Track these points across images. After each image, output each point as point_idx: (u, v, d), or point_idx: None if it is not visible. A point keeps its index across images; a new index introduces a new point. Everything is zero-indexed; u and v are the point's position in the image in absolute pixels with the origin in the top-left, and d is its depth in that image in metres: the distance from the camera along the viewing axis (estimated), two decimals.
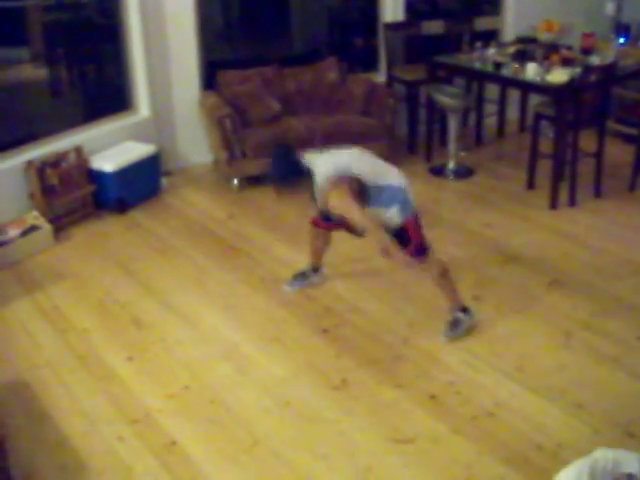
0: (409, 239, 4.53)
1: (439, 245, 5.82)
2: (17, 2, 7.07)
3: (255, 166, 6.88)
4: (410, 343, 4.66)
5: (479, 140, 8.31)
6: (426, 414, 4.04)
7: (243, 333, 4.82)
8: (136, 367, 4.50)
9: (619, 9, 8.31)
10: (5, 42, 6.97)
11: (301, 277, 5.31)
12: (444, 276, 4.70)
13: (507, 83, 7.43)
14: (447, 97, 7.16)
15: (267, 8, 8.60)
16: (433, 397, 4.16)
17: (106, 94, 7.71)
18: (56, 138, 6.59)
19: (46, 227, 6.02)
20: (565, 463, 2.90)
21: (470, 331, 4.73)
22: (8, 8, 7.01)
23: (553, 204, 6.52)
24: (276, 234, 6.18)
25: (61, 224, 6.29)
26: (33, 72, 7.37)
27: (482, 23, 8.66)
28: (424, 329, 4.80)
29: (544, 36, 7.54)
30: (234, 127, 6.81)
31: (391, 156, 7.29)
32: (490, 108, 8.43)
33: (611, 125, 7.71)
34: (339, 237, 5.10)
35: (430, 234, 6.04)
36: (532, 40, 7.67)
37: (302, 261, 5.45)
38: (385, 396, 4.19)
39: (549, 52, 6.99)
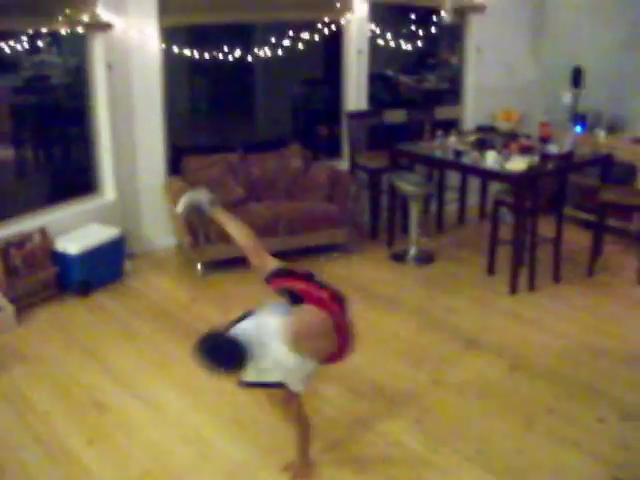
0: None
1: (401, 330, 5.90)
2: None
3: (219, 251, 6.93)
4: (371, 428, 4.65)
5: (440, 226, 8.44)
6: None
7: (204, 416, 4.80)
8: (97, 451, 4.45)
9: (576, 99, 8.56)
10: None
11: None
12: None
13: (467, 171, 7.59)
14: (409, 184, 7.29)
15: (232, 95, 8.76)
16: None
17: (72, 176, 7.77)
18: (21, 219, 6.61)
19: (8, 308, 5.99)
20: None
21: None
22: None
23: (513, 289, 6.62)
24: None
25: (23, 305, 6.26)
26: None
27: (443, 112, 8.89)
28: (386, 414, 4.81)
29: (503, 125, 7.76)
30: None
31: (353, 242, 7.41)
32: (451, 195, 8.58)
33: (570, 211, 7.87)
34: None
35: (391, 319, 6.15)
36: (491, 129, 7.90)
37: None
38: None
39: (508, 141, 7.19)
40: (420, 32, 8.50)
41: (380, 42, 8.33)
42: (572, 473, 4.23)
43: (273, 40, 7.76)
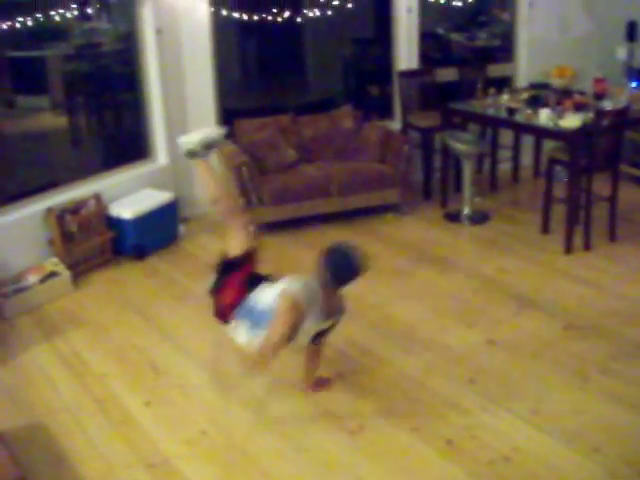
0: None
1: (455, 290, 5.88)
2: (37, 52, 7.22)
3: (271, 213, 6.96)
4: (426, 388, 4.67)
5: (494, 186, 8.36)
6: (442, 459, 4.03)
7: (261, 377, 4.84)
8: (154, 412, 4.53)
9: (631, 54, 8.39)
10: (26, 91, 7.11)
11: None
12: None
13: (521, 129, 7.49)
14: (461, 143, 7.22)
15: (283, 57, 8.73)
16: (449, 442, 4.16)
17: (125, 142, 7.82)
18: (76, 185, 6.69)
19: (65, 273, 6.09)
20: None
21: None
22: (29, 58, 7.15)
23: (568, 248, 6.55)
24: None
25: (80, 270, 6.36)
26: (53, 120, 7.51)
27: (495, 70, 8.77)
28: (440, 374, 4.81)
29: (557, 82, 7.64)
30: (251, 175, 6.89)
31: (406, 202, 7.38)
32: (504, 154, 8.48)
33: (625, 169, 7.74)
34: (355, 284, 5.12)
35: (446, 279, 6.12)
36: (545, 86, 7.76)
37: None
38: (402, 441, 4.19)
39: (562, 98, 7.07)
40: None
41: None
42: (628, 434, 4.19)
43: (322, 0, 7.70)
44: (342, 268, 4.11)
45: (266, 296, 4.18)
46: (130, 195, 6.88)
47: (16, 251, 6.08)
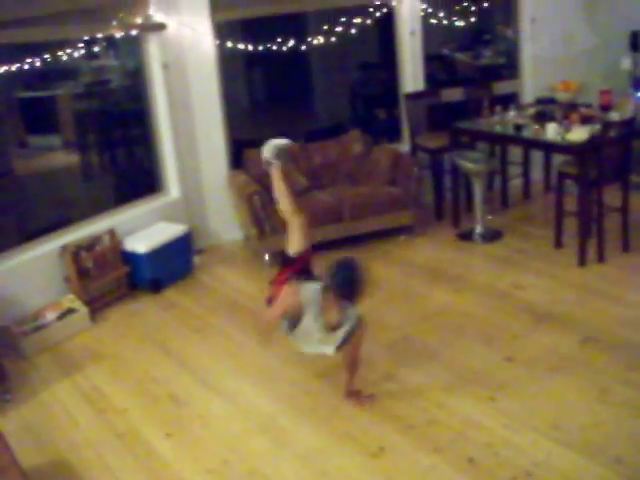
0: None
1: (471, 309, 5.89)
2: (48, 91, 7.31)
3: (285, 240, 6.98)
4: (445, 407, 4.67)
5: (505, 203, 8.36)
6: (465, 477, 4.03)
7: (280, 405, 4.86)
8: (175, 443, 4.55)
9: (636, 64, 8.40)
10: (37, 130, 7.20)
11: None
12: None
13: (529, 144, 7.51)
14: (470, 162, 7.24)
15: (290, 86, 8.80)
16: (471, 460, 4.16)
17: (137, 177, 7.90)
18: (90, 222, 6.76)
19: (82, 309, 6.14)
20: None
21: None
22: (39, 97, 7.25)
23: (582, 261, 6.55)
24: None
25: (97, 306, 6.41)
26: (65, 158, 7.60)
27: (501, 87, 8.80)
28: (459, 393, 4.81)
29: (562, 96, 7.66)
30: (263, 203, 6.92)
31: (418, 224, 7.40)
32: (514, 170, 8.50)
33: (636, 179, 7.73)
34: (371, 307, 5.13)
35: (461, 298, 6.13)
36: (551, 101, 7.79)
37: None
38: (423, 461, 4.19)
39: (568, 111, 7.10)
40: (473, 7, 8.43)
41: (433, 21, 8.28)
42: None
43: (326, 27, 7.77)
44: (343, 278, 4.27)
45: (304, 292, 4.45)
46: (144, 229, 6.93)
47: (33, 289, 6.14)
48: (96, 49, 7.23)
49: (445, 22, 8.34)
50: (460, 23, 8.47)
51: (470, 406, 4.66)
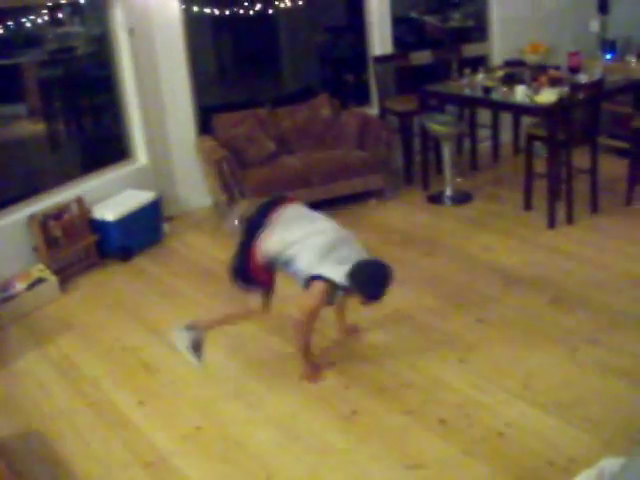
0: None
1: (441, 271, 5.91)
2: (12, 59, 7.19)
3: (255, 206, 6.95)
4: (417, 369, 4.69)
5: (474, 165, 8.39)
6: (436, 438, 4.06)
7: (252, 370, 4.87)
8: (148, 411, 4.54)
9: (604, 26, 8.42)
10: (2, 99, 7.08)
11: None
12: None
13: (498, 107, 7.53)
14: (440, 125, 7.24)
15: (257, 50, 8.71)
16: (442, 421, 4.19)
17: (104, 144, 7.81)
18: (57, 190, 6.68)
19: (52, 279, 6.09)
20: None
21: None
22: (3, 66, 7.13)
23: (551, 223, 6.58)
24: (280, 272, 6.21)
25: (66, 275, 6.36)
26: (31, 127, 7.48)
27: (470, 50, 8.78)
28: (430, 355, 4.84)
29: (531, 58, 7.66)
30: (231, 169, 6.88)
31: (388, 187, 7.40)
32: (483, 133, 8.51)
33: (604, 141, 7.78)
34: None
35: (432, 261, 6.15)
36: (520, 63, 7.78)
37: None
38: (395, 423, 4.22)
39: (537, 73, 7.11)
40: None
41: None
42: (619, 402, 4.22)
43: None
44: (375, 286, 4.41)
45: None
46: (112, 197, 6.86)
47: (1, 259, 6.07)
48: (60, 15, 7.12)
49: None
50: None
51: (441, 368, 4.69)
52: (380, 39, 8.32)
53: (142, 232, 6.82)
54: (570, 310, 5.23)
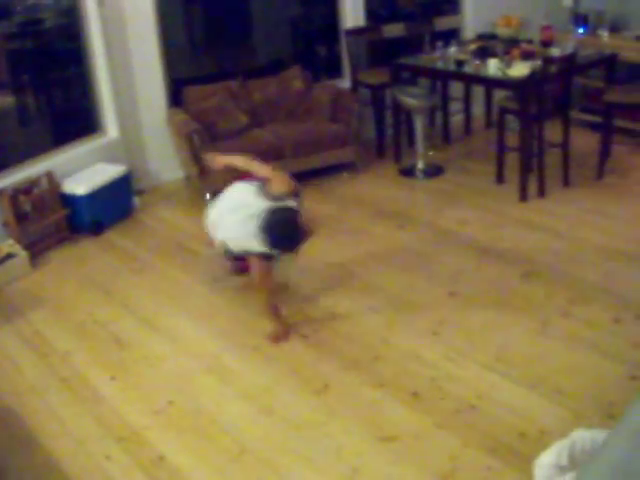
0: None
1: (413, 244, 5.92)
2: None
3: (226, 179, 6.91)
4: (389, 342, 4.71)
5: (447, 138, 8.39)
6: (409, 411, 4.09)
7: (224, 344, 4.86)
8: (120, 386, 4.52)
9: (576, 0, 8.42)
10: None
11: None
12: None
13: (470, 80, 7.52)
14: (412, 98, 7.23)
15: (228, 22, 8.64)
16: (415, 394, 4.21)
17: (74, 118, 7.72)
18: (27, 164, 6.59)
19: (22, 254, 6.03)
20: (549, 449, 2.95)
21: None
22: None
23: (523, 196, 6.60)
24: None
25: (37, 250, 6.30)
26: None
27: (442, 23, 8.73)
28: (402, 328, 4.86)
29: (503, 32, 7.65)
30: (203, 142, 6.84)
31: (360, 160, 7.39)
32: (455, 106, 8.51)
33: (576, 115, 7.80)
34: (314, 244, 5.12)
35: (404, 234, 6.16)
36: (492, 36, 7.78)
37: (277, 268, 5.56)
38: (368, 396, 4.23)
39: (509, 47, 7.09)
40: None
41: None
42: (590, 374, 4.26)
43: None
44: (279, 239, 4.45)
45: None
46: (83, 171, 6.79)
47: None
48: None
49: None
50: None
51: (414, 341, 4.71)
52: (352, 11, 8.28)
53: (113, 206, 6.77)
54: (542, 283, 5.26)
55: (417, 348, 4.62)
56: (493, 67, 6.70)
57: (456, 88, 8.40)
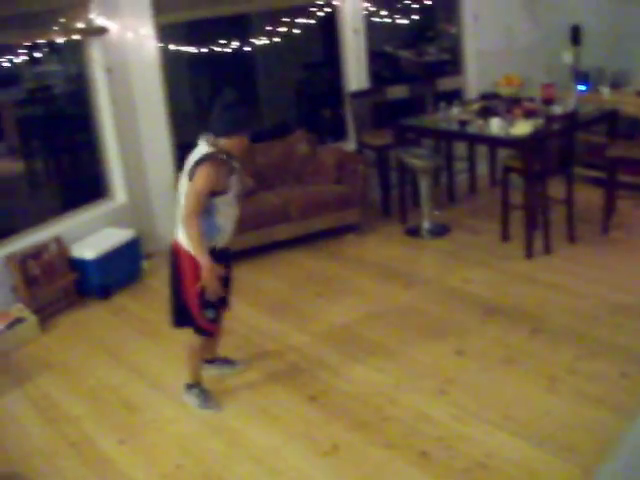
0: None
1: (420, 304, 5.93)
2: None
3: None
4: (397, 403, 4.70)
5: (452, 198, 8.44)
6: (419, 471, 4.06)
7: (232, 406, 4.85)
8: (128, 449, 4.52)
9: (577, 57, 8.53)
10: None
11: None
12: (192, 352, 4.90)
13: (473, 139, 7.60)
14: (416, 159, 7.30)
15: (234, 87, 8.74)
16: (424, 453, 4.19)
17: (83, 183, 7.81)
18: (36, 230, 6.68)
19: (31, 318, 6.07)
20: None
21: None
22: None
23: (528, 253, 6.63)
24: (260, 309, 6.23)
25: (46, 314, 6.34)
26: (9, 165, 7.49)
27: (445, 83, 8.88)
28: (410, 388, 4.85)
29: (505, 91, 7.73)
30: None
31: (366, 221, 7.44)
32: (460, 165, 8.58)
33: (580, 171, 7.85)
34: (320, 306, 5.16)
35: (410, 294, 6.17)
36: (495, 96, 7.86)
37: (289, 333, 5.60)
38: (376, 457, 4.22)
39: (511, 106, 7.19)
40: (415, 5, 8.50)
41: (376, 19, 8.33)
42: (599, 430, 4.24)
43: (269, 28, 7.78)
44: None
45: None
46: (91, 235, 6.87)
47: None
48: (38, 54, 7.15)
49: (388, 20, 8.39)
50: (403, 21, 8.53)
51: (422, 400, 4.70)
52: (356, 74, 8.42)
53: (121, 270, 6.82)
54: (548, 340, 5.26)
55: (425, 407, 4.62)
56: (496, 126, 6.77)
57: (460, 148, 8.47)
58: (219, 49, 7.53)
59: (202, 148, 4.45)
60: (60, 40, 6.66)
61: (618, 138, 7.29)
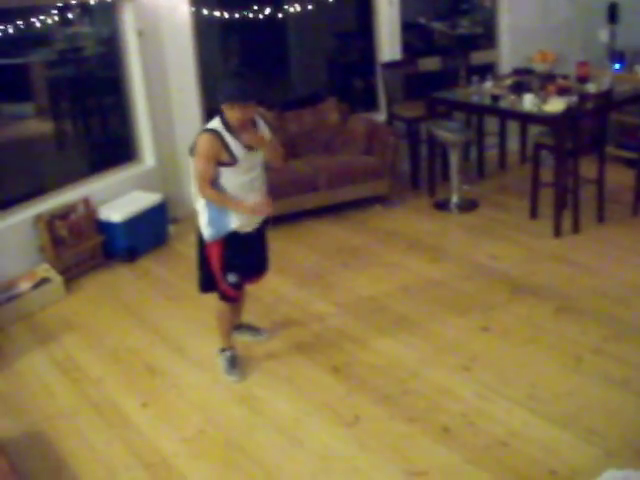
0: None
1: (446, 279, 5.90)
2: (21, 59, 7.20)
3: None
4: (421, 377, 4.69)
5: (481, 173, 8.37)
6: (440, 446, 4.06)
7: (256, 375, 4.86)
8: (151, 413, 4.54)
9: (613, 36, 8.41)
10: (10, 98, 7.09)
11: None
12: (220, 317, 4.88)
13: (505, 115, 7.51)
14: (447, 132, 7.23)
15: (266, 53, 8.72)
16: (446, 429, 4.18)
17: (111, 145, 7.81)
18: (64, 190, 6.70)
19: (57, 279, 6.10)
20: None
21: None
22: (12, 65, 7.13)
23: (557, 232, 6.57)
24: (287, 277, 6.21)
25: (72, 275, 6.37)
26: (39, 126, 7.48)
27: (478, 57, 8.77)
28: (434, 363, 4.84)
29: (539, 67, 7.65)
30: None
31: (394, 193, 7.40)
32: (491, 140, 8.50)
33: (612, 151, 7.78)
34: (347, 277, 5.14)
35: (437, 268, 6.14)
36: (528, 71, 7.78)
37: (314, 302, 5.60)
38: (398, 430, 4.21)
39: (545, 82, 7.10)
40: None
41: None
42: (623, 413, 4.22)
43: None
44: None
45: None
46: (119, 198, 6.88)
47: (7, 259, 6.08)
48: (70, 16, 7.12)
49: None
50: None
51: (445, 376, 4.68)
52: (389, 45, 8.33)
53: (148, 234, 6.83)
54: (575, 319, 5.22)
55: (448, 383, 4.60)
56: (529, 102, 6.69)
57: (491, 123, 8.39)
58: (251, 15, 7.47)
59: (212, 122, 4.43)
60: (92, 1, 6.63)
61: None
